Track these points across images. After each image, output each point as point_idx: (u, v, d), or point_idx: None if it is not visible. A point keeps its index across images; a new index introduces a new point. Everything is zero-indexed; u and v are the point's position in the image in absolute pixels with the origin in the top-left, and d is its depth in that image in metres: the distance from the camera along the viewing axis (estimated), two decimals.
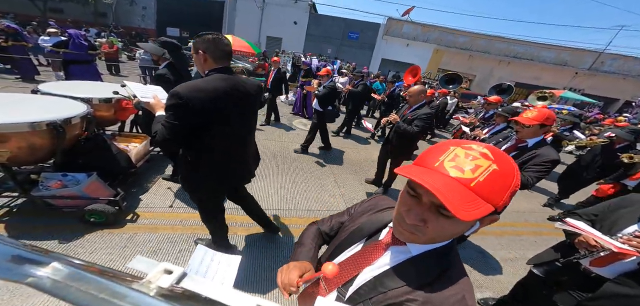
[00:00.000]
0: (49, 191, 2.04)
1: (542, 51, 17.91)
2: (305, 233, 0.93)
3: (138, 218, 2.41)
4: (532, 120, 1.95)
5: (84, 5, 17.08)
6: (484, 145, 0.51)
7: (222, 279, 0.54)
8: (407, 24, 18.69)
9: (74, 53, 4.95)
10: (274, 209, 2.92)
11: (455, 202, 0.44)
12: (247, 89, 1.50)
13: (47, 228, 2.09)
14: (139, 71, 8.14)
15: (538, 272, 1.63)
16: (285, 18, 18.85)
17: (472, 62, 18.70)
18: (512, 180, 0.47)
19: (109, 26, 15.75)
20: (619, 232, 1.33)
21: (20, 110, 1.96)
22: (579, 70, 17.61)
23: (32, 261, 0.27)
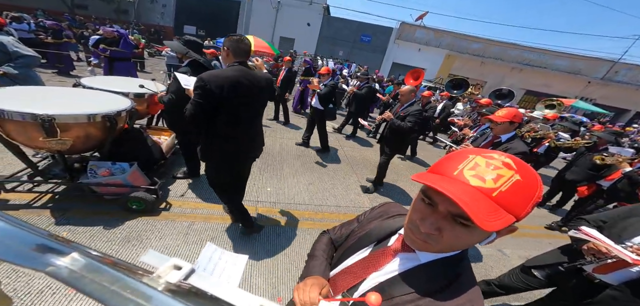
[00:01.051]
0: (96, 178, 2.32)
1: (556, 59, 17.62)
2: (316, 245, 0.92)
3: (171, 206, 2.68)
4: (502, 117, 2.30)
5: (109, 2, 17.98)
6: (507, 155, 0.50)
7: (228, 278, 0.54)
8: (420, 29, 18.74)
9: (123, 51, 5.47)
10: (305, 204, 3.28)
11: (479, 212, 0.43)
12: (257, 79, 1.81)
13: (87, 214, 2.31)
14: (164, 68, 8.68)
15: (539, 275, 1.64)
16: (299, 19, 19.24)
17: (483, 68, 18.59)
18: (535, 191, 0.46)
19: (131, 23, 16.54)
20: (628, 240, 1.35)
21: (74, 102, 2.22)
22: (592, 79, 17.24)
23: (54, 251, 0.27)
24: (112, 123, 2.26)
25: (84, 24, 10.92)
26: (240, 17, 19.71)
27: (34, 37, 6.82)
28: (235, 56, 1.75)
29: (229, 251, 0.60)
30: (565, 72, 17.48)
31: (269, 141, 5.01)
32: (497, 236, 0.52)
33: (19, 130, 1.87)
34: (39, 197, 2.35)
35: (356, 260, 0.70)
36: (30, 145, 1.98)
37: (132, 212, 2.46)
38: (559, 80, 17.62)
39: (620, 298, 1.32)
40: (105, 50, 5.57)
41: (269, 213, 2.99)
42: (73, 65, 7.09)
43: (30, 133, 1.88)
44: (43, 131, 1.85)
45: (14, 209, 2.17)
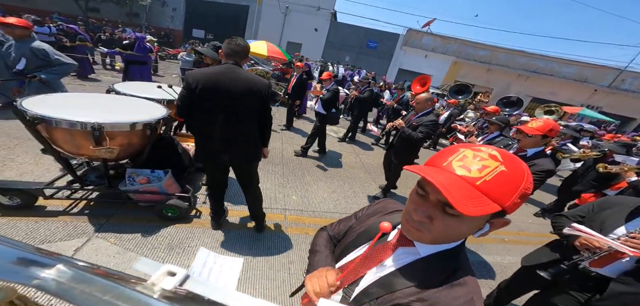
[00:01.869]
0: (134, 185, 2.33)
1: (562, 67, 17.59)
2: (317, 241, 0.92)
3: (201, 214, 2.67)
4: (536, 130, 2.02)
5: (122, 6, 18.26)
6: (494, 147, 0.53)
7: (225, 281, 0.54)
8: (427, 36, 18.82)
9: (138, 55, 5.56)
10: (330, 212, 3.30)
11: (457, 196, 0.45)
12: (243, 82, 1.76)
13: (125, 220, 2.33)
14: (177, 72, 8.77)
15: (545, 275, 1.66)
16: (306, 25, 19.40)
17: (490, 75, 18.59)
18: (521, 183, 0.48)
19: (141, 26, 16.77)
20: (611, 232, 1.43)
21: (114, 109, 2.21)
22: (598, 88, 17.17)
23: (37, 264, 0.27)
24: (152, 131, 2.29)
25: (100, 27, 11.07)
26: (249, 21, 19.91)
27: (54, 40, 6.93)
28: (226, 56, 1.82)
29: (223, 256, 0.59)
30: (572, 79, 17.44)
31: (288, 148, 5.04)
32: (491, 228, 0.54)
33: (67, 138, 1.89)
34: (75, 204, 2.37)
35: (355, 256, 0.71)
36: (76, 152, 2.01)
37: (167, 219, 2.47)
38: (565, 88, 17.57)
39: (626, 291, 1.35)
40: (121, 53, 5.65)
41: (297, 221, 2.99)
42: (92, 69, 7.19)
43: (79, 141, 1.90)
44: (93, 139, 1.87)
45: (52, 216, 2.19)
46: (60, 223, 2.13)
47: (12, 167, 2.72)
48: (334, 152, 5.47)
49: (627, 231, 1.38)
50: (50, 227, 2.06)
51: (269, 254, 2.39)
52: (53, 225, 2.08)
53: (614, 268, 1.41)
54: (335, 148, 5.68)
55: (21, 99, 1.89)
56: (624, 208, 1.44)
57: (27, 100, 1.91)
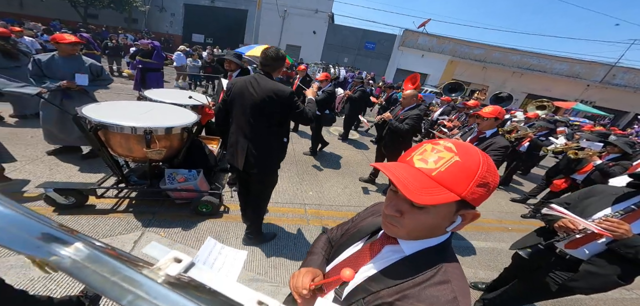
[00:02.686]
0: (173, 184, 2.54)
1: (555, 63, 18.10)
2: (316, 243, 0.97)
3: (229, 209, 2.89)
4: (489, 114, 2.48)
5: (121, 11, 18.36)
6: (451, 140, 0.55)
7: (227, 272, 0.55)
8: (423, 36, 19.21)
9: (156, 63, 5.76)
10: (346, 206, 3.51)
11: (411, 187, 0.48)
12: (263, 90, 1.78)
13: (166, 217, 2.53)
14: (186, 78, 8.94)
15: (523, 254, 1.78)
16: (305, 27, 19.67)
17: (485, 73, 19.03)
18: (476, 171, 0.50)
19: (142, 32, 16.88)
20: (590, 217, 1.50)
21: (154, 115, 2.41)
22: (591, 83, 17.69)
23: (59, 240, 0.29)
24: (189, 134, 2.52)
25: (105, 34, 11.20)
26: (248, 25, 20.11)
27: None
28: (260, 65, 1.92)
29: (228, 247, 0.62)
30: (565, 75, 17.95)
31: (298, 148, 5.28)
32: (463, 220, 0.55)
33: (122, 142, 2.12)
34: (120, 202, 2.59)
35: (348, 255, 0.74)
36: (128, 155, 2.23)
37: (201, 215, 2.70)
38: (559, 84, 18.08)
39: (596, 271, 1.45)
40: (140, 62, 5.84)
41: (316, 215, 3.23)
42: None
43: (132, 144, 2.13)
44: (144, 143, 2.10)
45: (103, 214, 2.40)
46: (115, 220, 2.35)
47: (59, 170, 2.93)
48: (340, 151, 5.74)
49: (605, 215, 1.47)
50: (108, 223, 2.28)
51: (297, 244, 2.62)
52: (110, 221, 2.31)
53: (585, 250, 1.50)
54: (341, 147, 5.95)
55: (79, 108, 2.11)
56: (607, 196, 1.55)
57: (84, 108, 2.13)
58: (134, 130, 2.05)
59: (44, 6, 18.55)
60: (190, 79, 8.27)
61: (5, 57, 3.69)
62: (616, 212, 1.47)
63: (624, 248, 1.36)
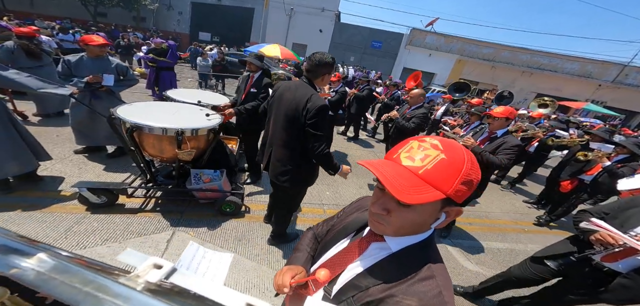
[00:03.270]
0: (199, 184, 2.57)
1: (566, 63, 17.83)
2: (302, 240, 0.97)
3: (250, 209, 2.91)
4: (501, 114, 2.52)
5: (130, 10, 18.53)
6: (437, 138, 0.55)
7: (213, 276, 0.54)
8: (431, 35, 19.05)
9: (171, 62, 5.82)
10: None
11: (398, 186, 0.48)
12: (295, 98, 1.68)
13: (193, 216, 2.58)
14: (192, 75, 9.02)
15: (552, 265, 1.72)
16: (311, 26, 19.64)
17: (494, 72, 18.81)
18: (461, 169, 0.50)
19: (151, 30, 17.02)
20: (631, 230, 1.43)
21: (182, 117, 2.41)
22: (603, 83, 17.38)
23: (17, 252, 0.26)
24: (215, 135, 2.55)
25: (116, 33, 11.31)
26: (255, 23, 20.16)
27: (78, 47, 7.18)
28: (305, 71, 1.81)
29: (212, 250, 0.60)
30: (576, 75, 17.67)
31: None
32: (447, 217, 0.56)
33: (155, 143, 2.16)
34: (147, 202, 2.63)
35: (334, 253, 0.73)
36: (159, 155, 2.27)
37: (225, 214, 2.73)
38: (569, 84, 17.80)
39: (631, 286, 1.40)
40: (155, 60, 5.90)
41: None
42: None
43: (164, 145, 2.17)
44: (176, 144, 2.14)
45: (132, 213, 2.45)
46: (145, 219, 2.40)
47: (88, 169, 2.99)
48: (350, 150, 5.74)
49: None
50: (140, 222, 2.33)
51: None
52: (141, 221, 2.36)
53: (626, 263, 1.44)
54: (350, 147, 5.95)
55: (113, 109, 2.15)
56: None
57: (118, 110, 2.17)
58: (165, 131, 2.09)
59: (54, 4, 18.82)
60: (200, 78, 8.33)
61: (29, 56, 3.76)
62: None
63: None
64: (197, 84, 8.49)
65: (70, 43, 7.39)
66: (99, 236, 2.09)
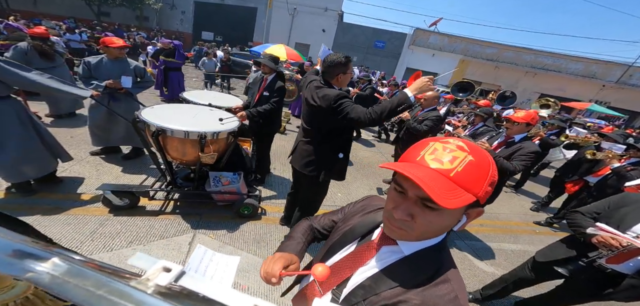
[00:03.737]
0: (218, 187, 2.57)
1: (570, 63, 17.80)
2: (296, 227, 0.93)
3: (266, 212, 2.93)
4: (521, 119, 2.43)
5: (134, 9, 18.54)
6: (459, 138, 0.54)
7: (221, 279, 0.54)
8: (434, 35, 19.03)
9: (177, 62, 5.83)
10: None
11: (438, 190, 0.46)
12: (317, 95, 1.76)
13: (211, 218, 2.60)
14: (196, 75, 9.02)
15: (563, 271, 1.70)
16: (314, 26, 19.63)
17: (497, 72, 18.79)
18: (488, 170, 0.49)
19: (155, 30, 17.02)
20: (629, 229, 1.44)
21: (202, 120, 2.41)
22: (606, 83, 17.35)
23: (33, 256, 0.27)
24: (234, 138, 2.56)
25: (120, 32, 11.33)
26: (258, 23, 20.16)
27: (85, 47, 7.21)
28: (321, 73, 1.90)
29: (220, 253, 0.61)
30: (580, 75, 17.63)
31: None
32: (468, 219, 0.55)
33: (178, 146, 2.17)
34: (167, 204, 2.65)
35: (342, 257, 0.71)
36: (181, 158, 2.28)
37: (243, 217, 2.74)
38: (573, 84, 17.77)
39: (637, 285, 1.42)
40: (163, 61, 5.91)
41: None
42: None
43: (187, 148, 2.18)
44: (199, 146, 2.14)
45: (152, 215, 2.46)
46: (166, 221, 2.42)
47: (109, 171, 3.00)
48: (355, 151, 5.73)
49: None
50: (162, 225, 2.34)
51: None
52: (163, 223, 2.37)
53: (629, 265, 1.46)
54: (355, 147, 5.95)
55: (138, 112, 2.16)
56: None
57: (142, 113, 2.18)
58: (187, 134, 2.09)
59: (57, 4, 18.83)
60: (206, 78, 8.33)
61: (43, 57, 3.77)
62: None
63: None
64: (203, 84, 8.49)
65: (77, 43, 7.41)
66: (123, 239, 2.10)
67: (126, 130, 3.05)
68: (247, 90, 5.59)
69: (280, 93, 2.91)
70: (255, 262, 2.24)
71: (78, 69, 2.80)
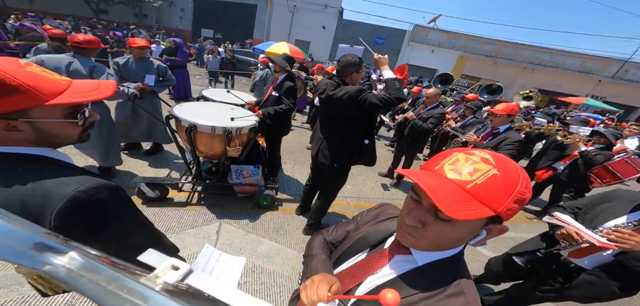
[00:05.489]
0: (240, 179, 2.75)
1: (567, 59, 18.06)
2: (312, 243, 0.91)
3: (282, 203, 3.10)
4: (502, 111, 2.62)
5: (133, 6, 18.47)
6: (487, 151, 0.52)
7: (227, 279, 0.55)
8: (433, 31, 19.18)
9: (181, 60, 5.94)
10: (383, 199, 3.71)
11: (445, 200, 0.45)
12: (335, 94, 1.93)
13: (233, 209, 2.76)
14: (199, 72, 9.10)
15: (519, 261, 1.69)
16: (314, 23, 19.69)
17: (496, 68, 19.01)
18: (515, 187, 0.47)
19: (154, 28, 16.99)
20: (600, 225, 1.39)
21: (225, 117, 2.52)
22: (603, 78, 17.65)
23: (52, 249, 0.28)
24: (255, 133, 2.72)
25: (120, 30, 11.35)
26: (257, 20, 20.16)
27: None
28: (335, 73, 2.08)
29: (227, 254, 0.62)
30: (577, 71, 17.91)
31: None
32: (488, 234, 0.53)
33: (207, 141, 2.33)
34: (192, 196, 2.81)
35: (353, 263, 0.71)
36: (208, 153, 2.45)
37: (262, 207, 2.91)
38: (570, 80, 18.04)
39: (595, 282, 1.37)
40: (167, 60, 6.01)
41: (360, 207, 3.45)
42: None
43: (215, 143, 2.34)
44: (226, 141, 2.31)
45: (181, 206, 2.63)
46: (193, 212, 2.58)
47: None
48: None
49: (616, 225, 1.37)
50: (190, 215, 2.51)
51: None
52: (191, 214, 2.54)
53: (592, 260, 1.42)
54: None
55: (171, 110, 2.32)
56: (624, 203, 1.42)
57: (176, 109, 2.34)
58: (214, 129, 2.24)
59: (55, 1, 18.69)
60: (210, 76, 8.42)
61: None
62: (630, 222, 1.35)
63: (635, 261, 1.26)
64: (207, 82, 8.60)
65: None
66: (159, 228, 2.26)
67: (148, 126, 3.21)
68: (254, 87, 5.70)
69: (291, 95, 2.92)
70: (277, 248, 2.42)
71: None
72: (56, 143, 0.62)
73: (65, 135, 0.62)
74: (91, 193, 0.56)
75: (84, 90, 0.58)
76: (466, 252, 1.96)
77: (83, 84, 0.59)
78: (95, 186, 0.58)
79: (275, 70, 3.25)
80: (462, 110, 5.53)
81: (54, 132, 0.59)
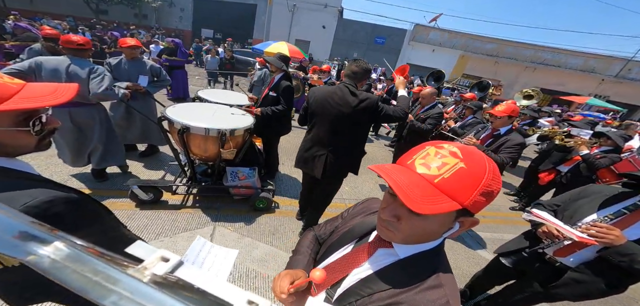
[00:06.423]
0: (235, 181, 2.69)
1: (569, 58, 17.91)
2: (301, 241, 0.95)
3: (279, 205, 3.04)
4: (502, 112, 2.51)
5: (133, 7, 18.46)
6: (457, 144, 0.53)
7: (217, 271, 0.54)
8: (434, 31, 19.06)
9: (180, 60, 5.91)
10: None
11: (411, 195, 0.46)
12: (344, 101, 1.82)
13: (229, 212, 2.71)
14: (199, 73, 9.07)
15: (506, 262, 1.66)
16: (314, 22, 19.60)
17: (497, 67, 18.87)
18: (481, 180, 0.47)
19: (154, 28, 16.97)
20: (579, 221, 1.38)
21: (220, 118, 2.49)
22: (606, 77, 17.48)
23: (37, 239, 0.27)
24: (250, 135, 2.66)
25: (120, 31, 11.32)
26: (257, 20, 20.11)
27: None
28: (344, 76, 1.94)
29: (218, 246, 0.62)
30: (579, 70, 17.75)
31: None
32: (461, 227, 0.55)
33: (201, 143, 2.28)
34: (187, 199, 2.76)
35: (339, 257, 0.72)
36: (202, 155, 2.39)
37: (258, 210, 2.86)
38: (572, 79, 17.89)
39: (582, 280, 1.35)
40: (167, 61, 5.97)
41: None
42: None
43: (209, 145, 2.29)
44: (220, 143, 2.25)
45: (175, 209, 2.58)
46: (187, 215, 2.54)
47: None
48: (366, 147, 5.87)
49: (593, 220, 1.35)
50: (184, 218, 2.46)
51: None
52: (185, 217, 2.49)
53: (576, 257, 1.40)
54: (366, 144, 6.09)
55: (163, 111, 2.27)
56: (599, 197, 1.42)
57: (169, 110, 2.29)
58: (207, 131, 2.19)
59: (55, 2, 18.70)
60: (209, 76, 8.39)
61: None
62: (605, 216, 1.35)
63: (617, 256, 1.24)
64: (206, 82, 8.56)
65: None
66: (151, 232, 2.22)
67: (142, 128, 3.16)
68: (252, 87, 5.65)
69: (287, 94, 2.87)
70: (273, 252, 2.37)
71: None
72: (9, 152, 0.56)
73: (17, 144, 0.57)
74: (44, 207, 0.51)
75: (39, 94, 0.53)
76: (465, 256, 1.89)
77: (38, 88, 0.54)
78: (50, 200, 0.52)
79: (271, 70, 3.22)
80: (461, 110, 5.48)
81: (3, 140, 0.53)
